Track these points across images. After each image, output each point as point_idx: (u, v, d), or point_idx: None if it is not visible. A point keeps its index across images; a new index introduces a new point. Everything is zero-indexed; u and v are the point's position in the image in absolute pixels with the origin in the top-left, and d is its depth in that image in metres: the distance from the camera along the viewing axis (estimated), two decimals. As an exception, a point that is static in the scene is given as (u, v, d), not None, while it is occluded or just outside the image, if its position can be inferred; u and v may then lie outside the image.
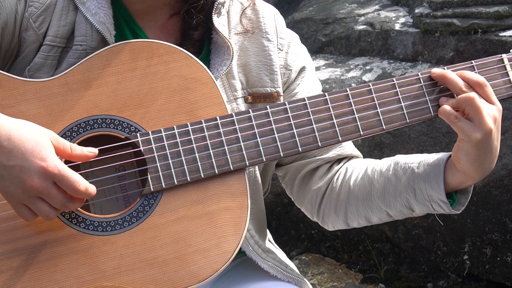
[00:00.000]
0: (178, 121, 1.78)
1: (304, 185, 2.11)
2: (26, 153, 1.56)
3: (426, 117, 1.88)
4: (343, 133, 1.84)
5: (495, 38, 3.36)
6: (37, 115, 1.72)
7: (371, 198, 1.97)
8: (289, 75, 2.05)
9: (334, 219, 2.07)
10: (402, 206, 1.93)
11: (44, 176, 1.57)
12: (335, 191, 2.04)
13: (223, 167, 1.77)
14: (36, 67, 1.83)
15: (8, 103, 1.71)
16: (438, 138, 3.28)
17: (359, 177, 2.00)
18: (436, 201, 1.87)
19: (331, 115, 1.84)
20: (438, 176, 1.85)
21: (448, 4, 3.55)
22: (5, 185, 1.57)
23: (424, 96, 1.87)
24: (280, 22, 2.07)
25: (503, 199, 3.20)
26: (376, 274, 3.53)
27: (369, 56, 3.87)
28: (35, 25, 1.83)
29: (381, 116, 1.85)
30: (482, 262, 3.33)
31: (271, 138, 1.81)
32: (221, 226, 1.75)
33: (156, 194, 1.74)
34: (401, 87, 1.87)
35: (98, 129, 1.75)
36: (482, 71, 1.90)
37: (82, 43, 1.84)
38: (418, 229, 3.48)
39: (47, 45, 1.83)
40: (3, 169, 1.56)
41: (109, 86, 1.77)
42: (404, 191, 1.91)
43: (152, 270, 1.71)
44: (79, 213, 1.71)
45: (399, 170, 1.93)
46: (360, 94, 1.86)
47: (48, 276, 1.67)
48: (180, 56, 1.81)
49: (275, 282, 1.98)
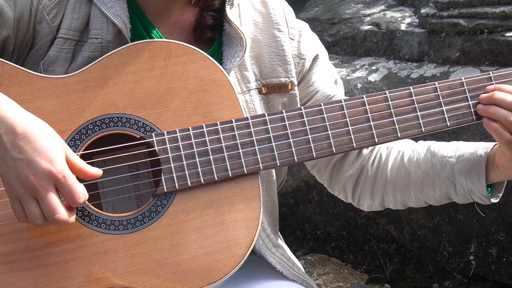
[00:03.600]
0: (193, 123, 1.77)
1: (335, 173, 2.12)
2: (38, 151, 1.56)
3: (442, 125, 1.87)
4: (358, 140, 1.83)
5: (501, 38, 3.35)
6: (53, 111, 1.71)
7: (409, 189, 2.00)
8: (303, 64, 2.04)
9: (369, 203, 2.09)
10: (441, 197, 1.98)
11: (48, 177, 1.56)
12: (371, 179, 2.06)
13: (237, 170, 1.76)
14: (51, 60, 1.82)
15: (25, 98, 1.70)
16: (444, 138, 3.28)
17: (396, 167, 2.02)
18: (477, 195, 1.91)
19: (346, 121, 1.83)
20: (479, 174, 1.89)
21: (454, 4, 3.54)
22: (9, 176, 1.56)
23: (440, 106, 1.87)
24: (289, 13, 2.07)
25: (509, 200, 3.20)
26: (382, 275, 3.53)
27: (375, 56, 3.86)
28: (48, 17, 1.82)
29: (396, 125, 1.85)
30: (488, 263, 3.33)
31: (286, 143, 1.80)
32: (233, 230, 1.74)
33: (169, 195, 1.74)
34: (417, 95, 1.86)
35: (114, 128, 1.74)
36: (500, 82, 1.89)
37: (97, 36, 1.83)
38: (424, 229, 3.48)
39: (61, 38, 1.83)
40: (12, 160, 1.55)
41: (126, 85, 1.76)
42: (443, 185, 1.95)
43: (163, 271, 1.70)
44: (92, 211, 1.70)
45: (437, 164, 1.96)
46: (376, 102, 1.85)
47: (59, 273, 1.67)
48: (197, 57, 1.80)
49: (282, 282, 1.99)
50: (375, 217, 3.61)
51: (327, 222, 3.75)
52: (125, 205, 1.84)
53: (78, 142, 1.72)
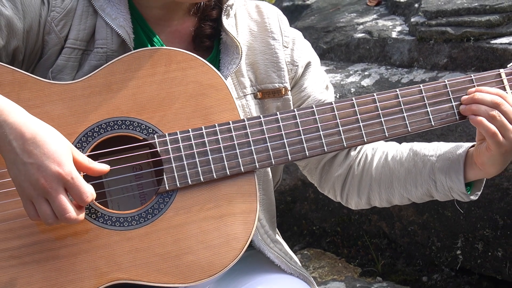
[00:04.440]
0: (193, 125, 1.79)
1: (325, 173, 2.13)
2: (46, 155, 1.59)
3: (427, 125, 1.89)
4: (348, 139, 1.85)
5: (487, 45, 3.36)
6: (61, 115, 1.73)
7: (393, 186, 2.01)
8: (296, 71, 2.05)
9: (357, 201, 2.10)
10: (423, 194, 1.99)
11: (57, 179, 1.59)
12: (357, 177, 2.07)
13: (235, 169, 1.78)
14: (59, 68, 1.84)
15: (35, 104, 1.72)
16: (433, 140, 3.29)
17: (380, 166, 2.04)
18: (456, 192, 1.93)
19: (337, 122, 1.85)
20: (458, 171, 1.91)
21: (442, 13, 3.55)
22: (20, 179, 1.59)
23: (425, 107, 1.88)
24: (284, 22, 2.08)
25: (494, 197, 3.21)
26: (374, 268, 3.54)
27: (368, 63, 3.87)
28: (57, 28, 1.84)
29: (384, 125, 1.87)
30: (474, 257, 3.34)
31: (280, 143, 1.82)
32: (231, 225, 1.76)
33: (171, 193, 1.76)
34: (403, 97, 1.88)
35: (118, 130, 1.76)
36: (481, 84, 1.91)
37: (103, 46, 1.85)
38: (414, 225, 3.49)
39: (68, 47, 1.84)
40: (22, 165, 1.58)
41: (129, 90, 1.78)
42: (425, 182, 1.96)
43: (165, 264, 1.72)
44: (98, 208, 1.72)
45: (419, 162, 1.97)
46: (365, 103, 1.87)
47: (68, 266, 1.69)
48: (196, 63, 1.82)
49: (280, 275, 2.00)
50: (367, 214, 3.61)
51: (323, 218, 3.75)
52: (130, 203, 1.85)
53: (84, 144, 1.74)
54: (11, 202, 1.68)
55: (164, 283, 1.72)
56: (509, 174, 3.13)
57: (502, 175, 3.15)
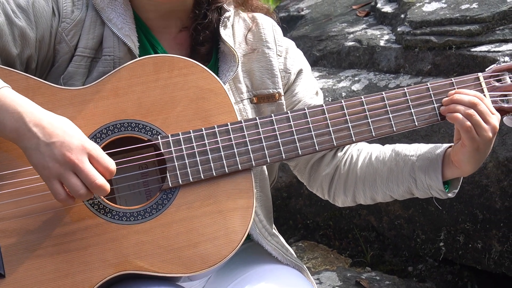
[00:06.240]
0: (194, 126, 1.78)
1: (313, 172, 2.12)
2: (67, 132, 1.60)
3: (411, 125, 1.88)
4: (338, 138, 1.84)
5: (467, 53, 3.35)
6: (71, 118, 1.71)
7: (376, 184, 2.00)
8: (289, 78, 2.05)
9: (343, 199, 2.09)
10: (404, 192, 1.98)
11: (82, 151, 1.58)
12: (343, 177, 2.05)
13: (233, 167, 1.78)
14: (70, 75, 1.84)
15: (47, 108, 1.70)
16: (418, 140, 3.27)
17: (365, 165, 2.02)
18: (435, 190, 1.92)
19: (327, 123, 1.84)
20: (436, 170, 1.89)
21: (426, 24, 3.54)
22: (44, 161, 1.58)
23: (409, 108, 1.88)
24: (278, 32, 2.08)
25: (474, 194, 3.20)
26: (364, 259, 3.52)
27: (357, 69, 3.85)
28: (67, 38, 1.83)
29: (371, 125, 1.86)
30: (456, 249, 3.33)
31: (275, 142, 1.81)
32: (230, 218, 1.75)
33: (174, 190, 1.75)
34: (389, 99, 1.88)
35: (125, 132, 1.75)
36: (461, 87, 1.90)
37: (110, 54, 1.85)
38: (400, 219, 3.48)
39: (78, 55, 1.84)
40: (45, 146, 1.57)
41: (135, 94, 1.77)
42: (406, 180, 1.95)
43: (169, 255, 1.71)
44: (107, 204, 1.72)
45: (400, 162, 1.96)
46: (353, 106, 1.86)
47: (78, 258, 1.68)
48: (197, 69, 1.81)
49: (277, 266, 1.99)
50: (357, 209, 3.60)
51: (316, 213, 3.74)
52: (136, 199, 1.84)
53: None
54: (26, 200, 1.68)
55: (168, 273, 1.71)
56: (488, 172, 3.12)
57: (482, 173, 3.14)
